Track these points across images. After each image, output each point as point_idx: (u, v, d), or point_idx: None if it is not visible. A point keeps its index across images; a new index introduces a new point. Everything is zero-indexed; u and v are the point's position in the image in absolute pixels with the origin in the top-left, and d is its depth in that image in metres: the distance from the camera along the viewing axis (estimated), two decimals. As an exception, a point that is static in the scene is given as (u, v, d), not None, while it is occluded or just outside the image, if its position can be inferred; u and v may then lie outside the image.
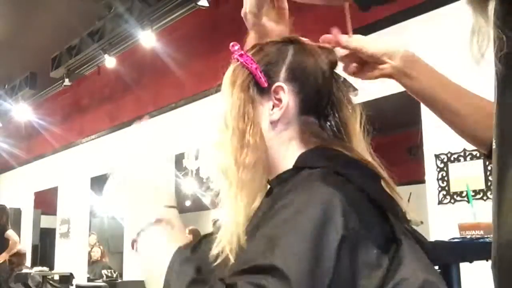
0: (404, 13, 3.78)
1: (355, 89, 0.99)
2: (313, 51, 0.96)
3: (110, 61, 6.10)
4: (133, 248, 0.88)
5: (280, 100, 0.91)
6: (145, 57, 6.11)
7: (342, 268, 0.72)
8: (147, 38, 5.48)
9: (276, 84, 0.92)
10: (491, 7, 0.69)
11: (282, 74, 0.93)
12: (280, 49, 0.95)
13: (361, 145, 0.93)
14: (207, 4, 4.97)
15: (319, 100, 0.94)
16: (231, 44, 0.96)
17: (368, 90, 0.98)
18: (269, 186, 0.95)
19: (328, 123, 0.97)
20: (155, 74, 6.30)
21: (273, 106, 0.92)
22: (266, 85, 0.92)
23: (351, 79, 1.02)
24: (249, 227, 0.86)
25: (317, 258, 0.71)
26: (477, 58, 0.71)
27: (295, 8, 1.05)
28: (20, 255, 6.62)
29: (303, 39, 0.98)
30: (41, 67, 6.96)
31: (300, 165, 0.88)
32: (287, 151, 0.91)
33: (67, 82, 6.75)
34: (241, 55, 0.95)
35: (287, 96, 0.91)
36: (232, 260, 0.80)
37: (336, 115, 0.97)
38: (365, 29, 4.04)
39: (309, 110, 0.93)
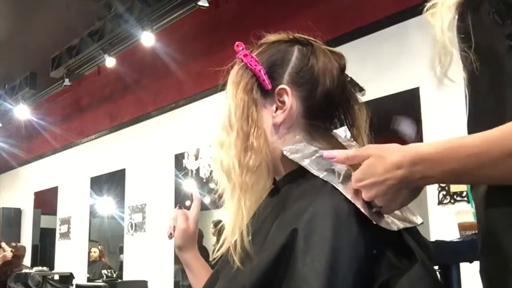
0: (404, 13, 3.77)
1: (362, 89, 0.96)
2: (323, 53, 0.93)
3: (110, 61, 6.08)
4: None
5: (283, 103, 0.89)
6: (145, 57, 6.10)
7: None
8: (147, 38, 5.47)
9: (280, 86, 0.89)
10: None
11: (286, 76, 0.90)
12: (286, 50, 0.92)
13: (367, 145, 0.91)
14: (207, 4, 4.97)
15: (327, 104, 0.91)
16: (236, 44, 0.94)
17: (367, 90, 0.97)
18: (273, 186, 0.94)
19: (334, 125, 0.95)
20: (155, 74, 6.30)
21: (276, 109, 0.89)
22: (269, 87, 0.90)
23: (356, 78, 1.00)
24: (252, 227, 0.86)
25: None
26: (440, 78, 0.71)
27: (295, 8, 1.04)
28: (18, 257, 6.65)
29: (313, 40, 0.95)
30: (41, 67, 6.95)
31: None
32: None
33: (67, 82, 6.74)
34: (245, 56, 0.92)
35: (291, 99, 0.89)
36: (237, 262, 0.80)
37: (342, 116, 0.95)
38: (365, 30, 4.04)
39: (316, 113, 0.91)
